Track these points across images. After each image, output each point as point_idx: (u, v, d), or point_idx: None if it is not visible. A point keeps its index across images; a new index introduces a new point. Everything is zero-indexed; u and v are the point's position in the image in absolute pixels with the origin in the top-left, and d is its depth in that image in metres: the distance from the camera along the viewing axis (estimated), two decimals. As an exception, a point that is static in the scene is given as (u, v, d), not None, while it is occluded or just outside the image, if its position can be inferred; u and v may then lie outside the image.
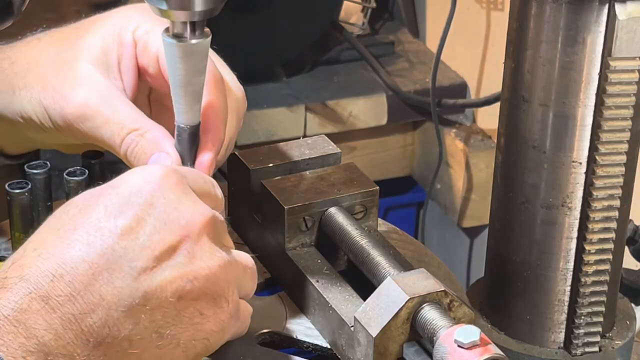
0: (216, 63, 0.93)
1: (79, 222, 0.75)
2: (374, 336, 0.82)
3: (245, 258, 0.84)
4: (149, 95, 0.99)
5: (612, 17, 0.80)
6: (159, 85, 0.94)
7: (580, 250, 0.87)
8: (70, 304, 0.72)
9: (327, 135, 1.07)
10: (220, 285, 0.78)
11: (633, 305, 0.97)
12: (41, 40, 0.97)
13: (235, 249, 0.84)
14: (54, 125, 0.93)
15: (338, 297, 0.90)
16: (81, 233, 0.74)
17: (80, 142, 0.96)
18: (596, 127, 0.84)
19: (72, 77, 0.92)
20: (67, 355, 0.71)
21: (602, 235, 0.87)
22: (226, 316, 0.80)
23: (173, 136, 0.89)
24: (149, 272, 0.74)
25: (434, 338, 0.80)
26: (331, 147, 1.03)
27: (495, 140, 0.93)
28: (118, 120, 0.90)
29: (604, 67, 0.82)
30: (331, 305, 0.89)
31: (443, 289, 0.82)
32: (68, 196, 0.97)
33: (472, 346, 0.77)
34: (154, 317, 0.75)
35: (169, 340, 0.76)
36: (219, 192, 0.84)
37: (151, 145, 0.89)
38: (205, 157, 0.88)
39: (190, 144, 0.87)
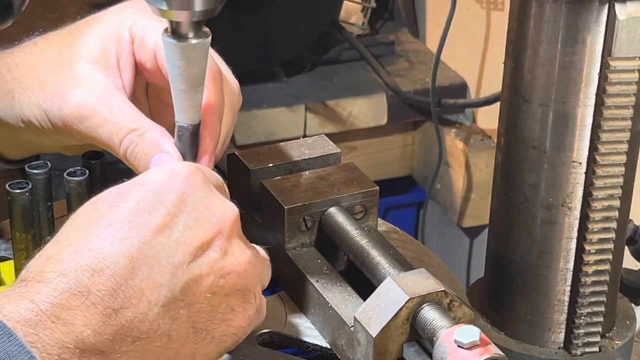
0: (213, 54, 0.93)
1: (111, 218, 0.76)
2: (374, 336, 0.82)
3: (262, 251, 0.86)
4: (147, 91, 0.99)
5: (612, 17, 0.80)
6: (156, 80, 0.94)
7: (580, 250, 0.87)
8: (111, 299, 0.72)
9: (327, 135, 1.07)
10: (250, 282, 0.80)
11: (633, 305, 0.97)
12: (38, 45, 0.96)
13: None
14: (54, 127, 0.93)
15: (338, 297, 0.90)
16: (116, 228, 0.75)
17: (80, 144, 0.96)
18: (596, 127, 0.84)
19: (70, 78, 0.92)
20: (104, 352, 0.71)
21: (602, 235, 0.87)
22: (253, 311, 0.81)
23: (172, 134, 0.89)
24: (185, 267, 0.75)
25: (434, 338, 0.80)
26: (331, 147, 1.03)
27: (495, 140, 0.93)
28: (117, 120, 0.90)
29: (604, 67, 0.82)
30: (331, 305, 0.89)
31: (443, 289, 0.83)
32: (68, 196, 0.97)
33: (472, 346, 0.77)
34: (191, 312, 0.76)
35: (204, 336, 0.77)
36: (226, 189, 0.86)
37: (151, 146, 0.89)
38: (204, 155, 0.88)
39: (191, 143, 0.88)
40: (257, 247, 0.85)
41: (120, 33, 0.93)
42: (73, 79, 0.92)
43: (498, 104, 0.91)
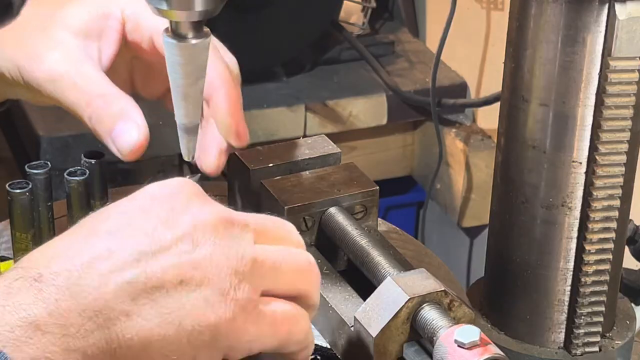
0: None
1: (87, 220, 0.76)
2: (374, 336, 0.82)
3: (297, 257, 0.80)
4: (132, 65, 1.01)
5: (612, 17, 0.80)
6: (150, 57, 0.96)
7: (580, 250, 0.87)
8: (64, 279, 0.71)
9: (327, 135, 1.07)
10: (226, 272, 0.75)
11: (633, 305, 0.97)
12: (26, 6, 0.98)
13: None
14: (25, 84, 0.95)
15: (338, 297, 0.90)
16: (85, 222, 0.75)
17: (49, 103, 0.97)
18: (596, 127, 0.84)
19: (47, 40, 0.94)
20: (62, 326, 0.70)
21: (602, 235, 0.87)
22: (234, 305, 0.75)
23: (166, 105, 0.90)
24: (149, 255, 0.74)
25: (434, 338, 0.80)
26: (331, 147, 1.03)
27: (495, 140, 0.93)
28: (85, 85, 0.91)
29: (604, 67, 0.82)
30: (331, 305, 0.89)
31: (443, 288, 0.83)
32: (68, 196, 0.97)
33: (472, 346, 0.77)
34: (153, 295, 0.73)
35: (169, 321, 0.74)
36: (297, 236, 0.81)
37: (117, 114, 0.90)
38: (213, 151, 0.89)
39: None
40: (297, 252, 0.80)
41: (110, 10, 0.95)
42: (50, 41, 0.94)
43: (498, 104, 0.91)
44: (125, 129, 0.90)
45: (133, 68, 1.01)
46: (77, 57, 0.93)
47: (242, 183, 1.01)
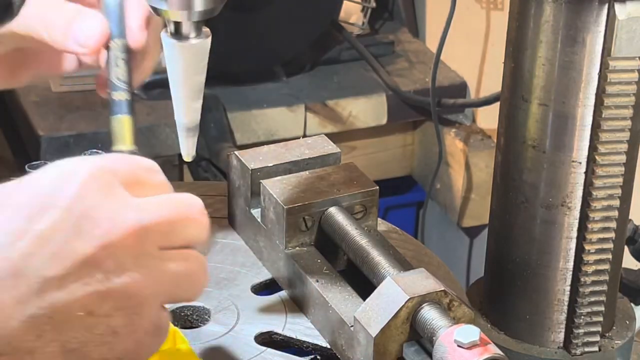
0: None
1: None
2: (374, 336, 0.82)
3: (194, 256, 0.74)
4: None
5: (611, 17, 0.80)
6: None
7: (580, 250, 0.87)
8: None
9: (327, 135, 1.07)
10: (138, 302, 0.71)
11: (633, 305, 0.97)
12: None
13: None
14: None
15: (338, 297, 0.90)
16: None
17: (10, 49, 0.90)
18: (596, 127, 0.84)
19: None
20: None
21: (602, 235, 0.87)
22: (143, 333, 0.72)
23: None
24: (56, 282, 0.68)
25: (434, 338, 0.80)
26: (331, 147, 1.03)
27: (495, 140, 0.93)
28: (40, 6, 0.85)
29: (604, 67, 0.82)
30: (331, 305, 0.89)
31: (443, 288, 0.83)
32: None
33: (471, 346, 0.77)
34: (59, 330, 0.68)
35: (76, 357, 0.70)
36: (161, 177, 0.75)
37: (72, 12, 0.85)
38: (134, 23, 0.84)
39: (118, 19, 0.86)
40: (188, 197, 0.74)
41: None
42: None
43: (498, 104, 0.91)
44: (84, 23, 0.84)
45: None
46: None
47: (242, 183, 1.01)
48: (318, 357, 0.92)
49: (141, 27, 0.85)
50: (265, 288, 0.99)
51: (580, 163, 0.85)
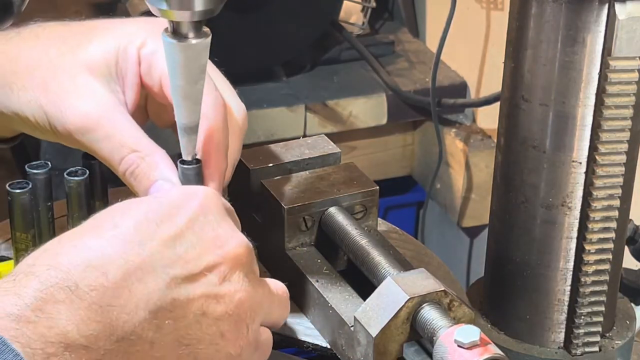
0: (216, 79, 0.92)
1: (118, 222, 0.76)
2: (374, 336, 0.82)
3: (276, 286, 0.86)
4: (146, 104, 0.99)
5: (612, 17, 0.80)
6: (161, 100, 0.94)
7: (580, 250, 0.87)
8: (98, 295, 0.72)
9: (327, 135, 1.07)
10: (243, 310, 0.79)
11: (633, 305, 0.97)
12: (40, 38, 0.95)
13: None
14: (52, 130, 0.92)
15: (338, 297, 0.90)
16: (119, 232, 0.76)
17: (76, 147, 0.95)
18: (596, 127, 0.84)
19: (73, 86, 0.91)
20: (88, 348, 0.71)
21: (602, 235, 0.87)
22: (245, 342, 0.80)
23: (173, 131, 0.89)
24: (179, 281, 0.76)
25: (434, 338, 0.80)
26: (331, 147, 1.03)
27: (495, 140, 0.93)
28: (119, 138, 0.89)
29: (604, 66, 0.82)
30: (331, 305, 0.89)
31: (443, 288, 0.83)
32: (68, 196, 0.97)
33: (472, 346, 0.77)
34: (178, 325, 0.75)
35: (187, 352, 0.76)
36: (237, 218, 0.86)
37: (152, 170, 0.88)
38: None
39: (196, 180, 0.88)
40: (275, 282, 0.86)
41: (129, 51, 0.92)
42: (77, 87, 0.91)
43: (498, 103, 0.91)
44: (160, 190, 0.88)
45: (147, 106, 0.99)
46: (109, 106, 0.91)
47: (242, 183, 1.01)
48: (318, 357, 0.92)
49: (218, 189, 0.89)
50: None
51: (580, 163, 0.85)
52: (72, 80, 0.91)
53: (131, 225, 0.76)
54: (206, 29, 0.83)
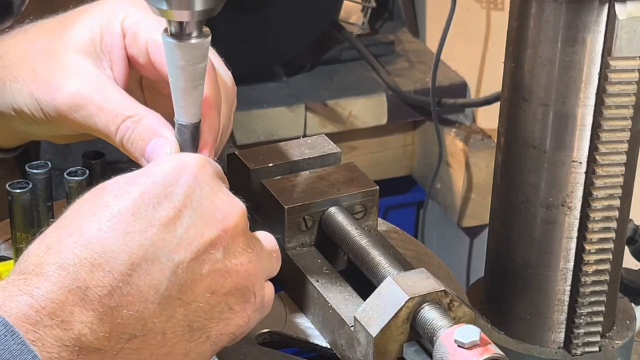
0: None
1: (114, 209, 0.75)
2: (374, 336, 0.82)
3: (269, 241, 0.84)
4: (141, 83, 0.99)
5: (612, 17, 0.80)
6: (150, 74, 0.94)
7: (580, 250, 0.87)
8: (108, 296, 0.71)
9: (327, 135, 1.07)
10: (251, 280, 0.79)
11: (633, 305, 0.97)
12: (29, 33, 0.96)
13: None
14: (46, 116, 0.93)
15: (338, 297, 0.90)
16: (118, 221, 0.74)
17: (73, 133, 0.96)
18: (596, 127, 0.84)
19: (61, 67, 0.92)
20: (100, 350, 0.71)
21: (602, 235, 0.87)
22: (252, 310, 0.80)
23: (170, 123, 0.89)
24: (185, 265, 0.75)
25: (434, 338, 0.80)
26: (331, 147, 1.03)
27: (495, 140, 0.93)
28: (112, 108, 0.90)
29: (604, 66, 0.82)
30: (331, 305, 0.89)
31: (443, 288, 0.82)
32: (68, 196, 0.97)
33: (472, 346, 0.77)
34: (188, 311, 0.75)
35: (199, 335, 0.76)
36: (226, 181, 0.85)
37: (148, 132, 0.88)
38: (205, 149, 0.88)
39: (191, 140, 0.87)
40: (265, 237, 0.84)
41: (112, 26, 0.93)
42: (64, 68, 0.92)
43: (498, 103, 0.91)
44: (157, 149, 0.88)
45: (142, 86, 0.99)
46: (97, 80, 0.91)
47: (242, 183, 1.01)
48: (318, 357, 0.92)
49: (209, 155, 0.88)
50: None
51: (580, 163, 0.85)
52: (59, 62, 0.92)
53: (129, 211, 0.75)
54: (206, 29, 0.83)
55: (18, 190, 0.95)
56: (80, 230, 0.74)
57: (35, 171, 0.97)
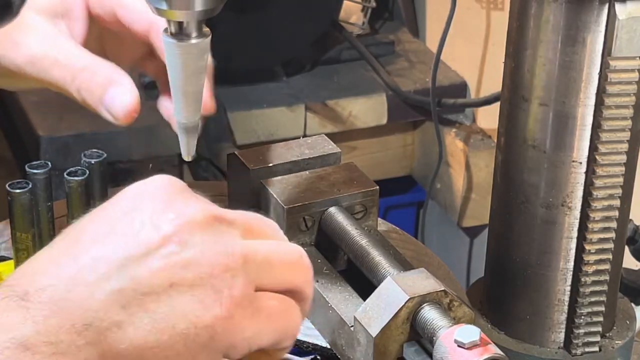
0: None
1: (69, 229, 0.74)
2: (374, 336, 0.82)
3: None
4: (102, 37, 1.02)
5: (612, 17, 0.80)
6: (116, 28, 0.98)
7: (580, 250, 0.87)
8: (50, 294, 0.70)
9: (327, 135, 1.07)
10: (219, 271, 0.74)
11: (633, 305, 0.97)
12: None
13: None
14: (6, 71, 0.96)
15: (338, 297, 0.90)
16: (68, 232, 0.74)
17: (35, 87, 0.99)
18: (596, 127, 0.84)
19: (18, 25, 0.95)
20: (52, 344, 0.69)
21: (602, 235, 0.87)
22: (229, 303, 0.73)
23: (133, 75, 0.91)
24: (136, 260, 0.72)
25: (434, 338, 0.80)
26: (331, 147, 1.03)
27: (495, 140, 0.93)
28: (67, 60, 0.93)
29: (604, 66, 0.82)
30: (331, 305, 0.89)
31: (443, 288, 0.83)
32: (68, 196, 0.97)
33: (472, 346, 0.77)
34: (145, 301, 0.72)
35: (162, 327, 0.72)
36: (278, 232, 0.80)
37: (105, 81, 0.91)
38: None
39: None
40: (285, 244, 0.78)
41: None
42: (22, 26, 0.95)
43: (498, 103, 0.91)
44: (116, 94, 0.91)
45: (103, 40, 1.02)
46: (53, 36, 0.95)
47: (242, 183, 1.01)
48: (318, 357, 0.92)
49: (210, 95, 0.89)
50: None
51: (580, 163, 0.85)
52: (18, 21, 0.94)
53: (80, 223, 0.74)
54: (206, 29, 0.83)
55: (18, 190, 0.95)
56: (38, 257, 0.73)
57: (35, 171, 0.97)
